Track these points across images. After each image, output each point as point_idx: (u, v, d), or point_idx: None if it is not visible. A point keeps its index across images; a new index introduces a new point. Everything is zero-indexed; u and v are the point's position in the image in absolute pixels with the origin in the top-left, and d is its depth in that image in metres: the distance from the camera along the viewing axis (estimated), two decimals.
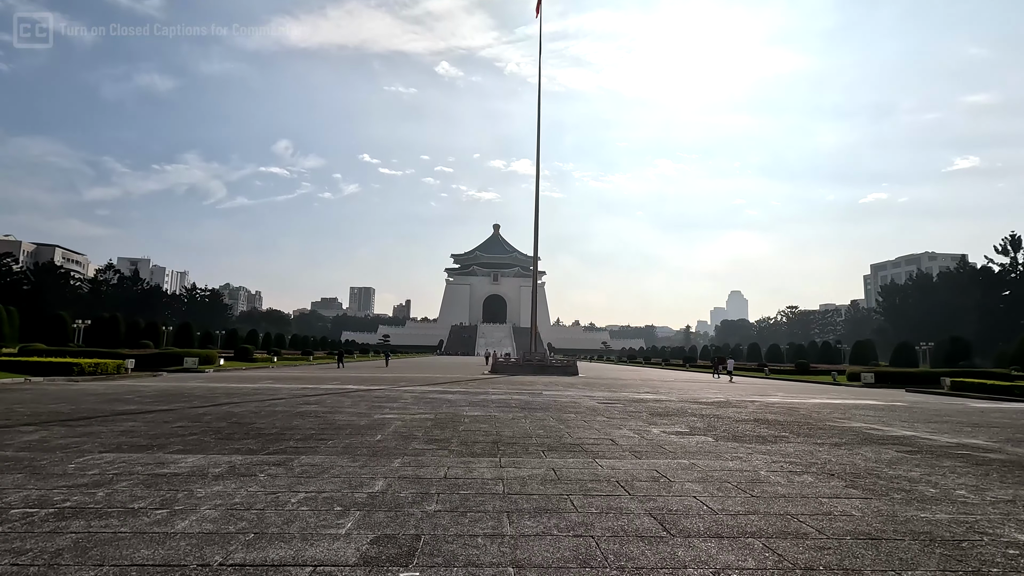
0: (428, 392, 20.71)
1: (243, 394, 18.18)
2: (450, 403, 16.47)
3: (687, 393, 24.13)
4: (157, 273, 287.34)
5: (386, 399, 17.30)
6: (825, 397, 24.31)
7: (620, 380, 35.16)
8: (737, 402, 19.74)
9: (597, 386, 27.67)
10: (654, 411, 15.60)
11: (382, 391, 20.69)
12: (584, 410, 15.32)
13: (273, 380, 26.95)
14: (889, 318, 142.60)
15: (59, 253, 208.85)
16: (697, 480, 6.83)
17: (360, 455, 7.94)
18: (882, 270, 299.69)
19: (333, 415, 12.73)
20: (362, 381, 27.18)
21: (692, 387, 29.41)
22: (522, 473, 6.99)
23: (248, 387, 21.59)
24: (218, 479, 6.31)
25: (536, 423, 12.14)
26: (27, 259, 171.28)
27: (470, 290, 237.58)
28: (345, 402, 16.01)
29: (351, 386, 23.15)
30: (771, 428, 12.30)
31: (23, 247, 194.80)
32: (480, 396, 19.39)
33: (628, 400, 19.29)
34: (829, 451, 9.32)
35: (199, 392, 18.67)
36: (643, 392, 23.98)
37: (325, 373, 35.78)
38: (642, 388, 27.04)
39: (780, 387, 32.45)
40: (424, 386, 24.30)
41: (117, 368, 29.10)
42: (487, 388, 23.90)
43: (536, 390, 23.34)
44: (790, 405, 19.08)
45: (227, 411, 13.11)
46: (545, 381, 31.26)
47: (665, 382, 34.49)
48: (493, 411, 14.45)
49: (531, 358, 41.55)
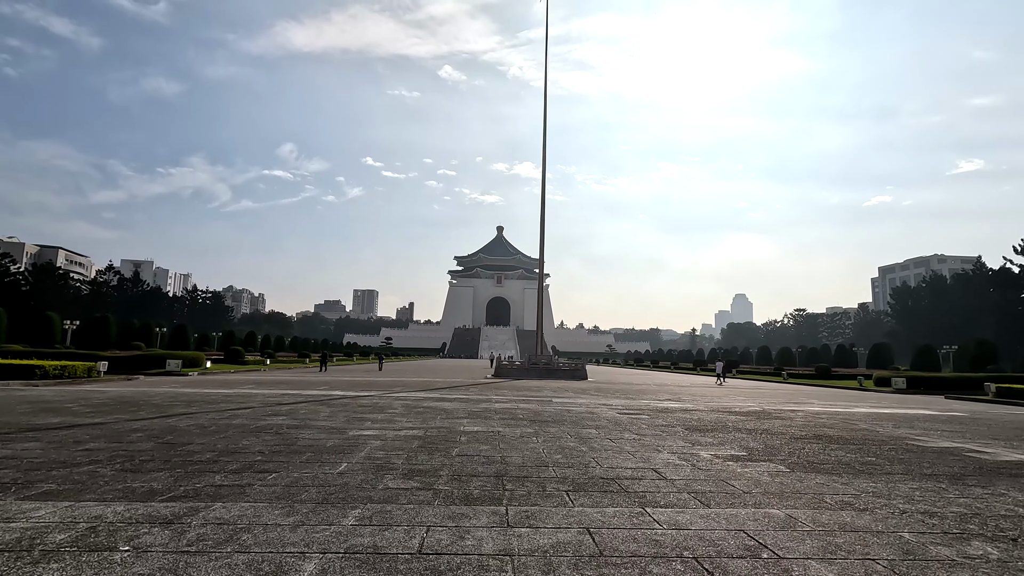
0: (423, 400, 18.23)
1: (208, 401, 15.75)
2: (446, 414, 13.99)
3: (713, 400, 21.58)
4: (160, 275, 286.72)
5: (372, 409, 14.83)
6: (868, 405, 21.71)
7: (633, 385, 32.61)
8: (776, 412, 17.19)
9: (611, 392, 25.14)
10: (688, 424, 13.07)
11: (370, 399, 18.23)
12: (605, 423, 12.81)
13: (255, 385, 24.53)
14: (901, 321, 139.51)
15: (62, 255, 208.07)
16: (822, 557, 4.33)
17: (304, 501, 5.47)
18: (890, 272, 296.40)
19: (298, 432, 10.27)
20: (353, 386, 24.74)
21: (713, 393, 26.85)
22: (542, 541, 4.50)
23: (221, 392, 19.17)
24: (37, 562, 3.85)
25: (551, 443, 9.65)
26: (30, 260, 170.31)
27: (473, 292, 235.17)
28: (321, 413, 13.55)
29: (338, 392, 20.70)
30: (845, 449, 9.77)
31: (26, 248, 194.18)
32: (482, 405, 16.90)
33: (652, 410, 16.78)
34: (963, 490, 6.80)
35: (158, 400, 16.25)
36: (664, 399, 21.44)
37: (316, 377, 33.35)
38: (661, 394, 24.50)
39: (809, 393, 29.83)
40: (420, 392, 21.83)
41: (88, 371, 26.75)
42: (490, 395, 21.42)
43: (545, 397, 20.85)
44: (840, 416, 16.52)
45: (169, 426, 10.66)
46: (553, 386, 28.74)
47: (682, 387, 31.91)
48: (497, 425, 11.96)
49: (537, 361, 39.06)
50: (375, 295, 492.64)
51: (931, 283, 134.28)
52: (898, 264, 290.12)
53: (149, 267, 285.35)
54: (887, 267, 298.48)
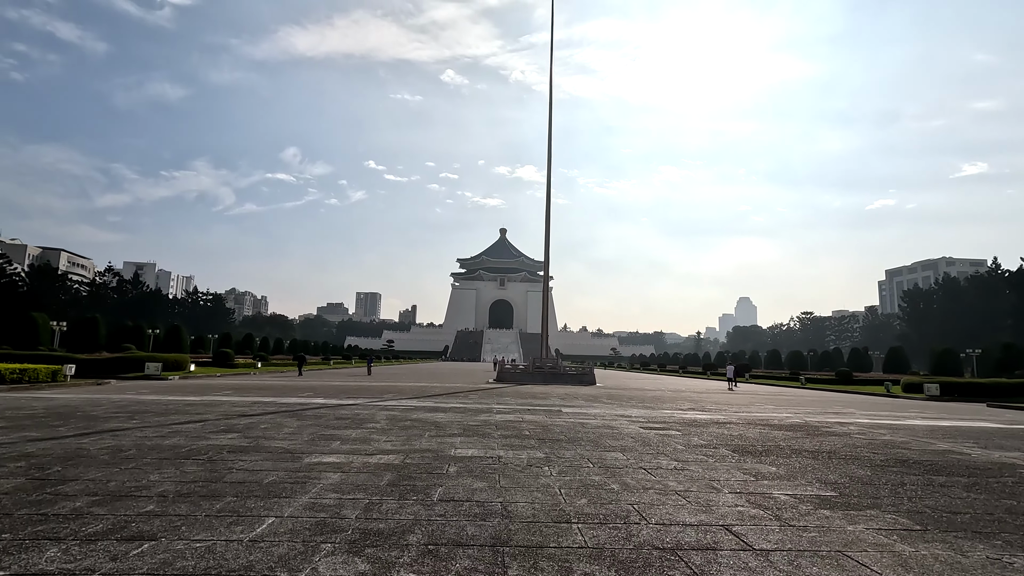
0: (412, 411, 15.86)
1: (160, 412, 13.42)
2: (437, 430, 11.61)
3: (741, 410, 19.13)
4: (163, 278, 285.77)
5: (348, 423, 12.47)
6: (918, 416, 19.21)
7: (647, 391, 30.16)
8: (824, 426, 14.74)
9: (626, 400, 22.72)
10: (732, 444, 10.67)
11: (353, 408, 15.88)
12: (632, 443, 10.43)
13: (233, 391, 22.22)
14: (913, 324, 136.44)
15: (64, 257, 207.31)
16: None
17: None
18: (897, 276, 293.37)
19: (238, 458, 7.91)
20: (341, 393, 22.40)
21: (736, 400, 24.40)
22: None
23: (186, 400, 16.85)
24: None
25: (570, 476, 7.27)
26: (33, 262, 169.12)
27: (476, 295, 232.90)
28: (284, 428, 11.19)
29: (318, 400, 18.35)
30: (958, 485, 7.34)
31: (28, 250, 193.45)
32: (480, 417, 14.52)
33: (679, 423, 14.36)
34: None
35: (100, 411, 13.92)
36: (686, 408, 19.01)
37: (303, 382, 31.03)
38: (680, 402, 22.07)
39: (839, 401, 27.32)
40: (412, 400, 19.46)
41: (52, 375, 24.52)
42: (491, 403, 19.03)
43: (553, 406, 18.45)
44: (900, 431, 14.06)
45: (75, 449, 8.30)
46: (560, 392, 26.33)
47: (698, 393, 29.44)
48: (497, 447, 9.58)
49: (542, 365, 36.64)
50: (378, 298, 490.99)
51: (944, 285, 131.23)
52: (905, 267, 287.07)
53: (151, 269, 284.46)
54: (894, 270, 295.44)
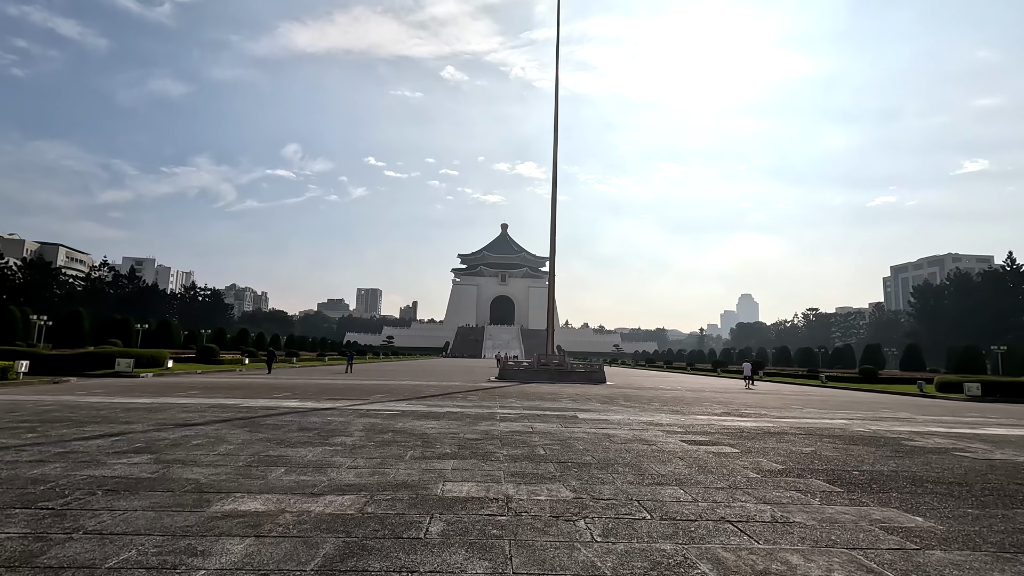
0: (399, 416, 13.16)
1: (85, 419, 10.73)
2: (423, 447, 8.91)
3: (784, 415, 16.41)
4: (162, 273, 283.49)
5: (313, 436, 9.77)
6: (993, 424, 16.46)
7: (664, 391, 27.44)
8: (901, 437, 12.01)
9: (646, 402, 19.99)
10: (815, 468, 7.96)
11: (327, 414, 13.18)
12: (684, 468, 7.71)
13: (201, 390, 19.56)
14: (923, 321, 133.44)
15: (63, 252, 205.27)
16: None
17: None
18: (903, 272, 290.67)
19: (114, 503, 5.22)
20: (322, 393, 19.72)
21: (769, 403, 21.68)
22: None
23: (133, 403, 14.18)
24: None
25: (623, 543, 4.54)
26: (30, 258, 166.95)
27: (477, 291, 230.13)
28: (225, 444, 8.47)
29: (292, 402, 15.67)
30: None
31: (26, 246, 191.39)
32: (481, 426, 11.82)
33: (725, 433, 11.65)
34: None
35: (11, 418, 11.24)
36: (721, 413, 16.29)
37: (287, 380, 28.39)
38: (709, 405, 19.34)
39: (881, 403, 24.61)
40: (402, 403, 16.77)
41: (3, 372, 21.89)
42: (493, 406, 16.33)
43: (565, 410, 15.75)
44: (1006, 444, 11.33)
45: None
46: (570, 393, 23.63)
47: (722, 394, 26.73)
48: (503, 477, 6.86)
49: (548, 362, 33.95)
50: (379, 294, 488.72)
51: (956, 281, 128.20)
52: (911, 263, 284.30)
53: (151, 264, 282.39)
54: (899, 266, 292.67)
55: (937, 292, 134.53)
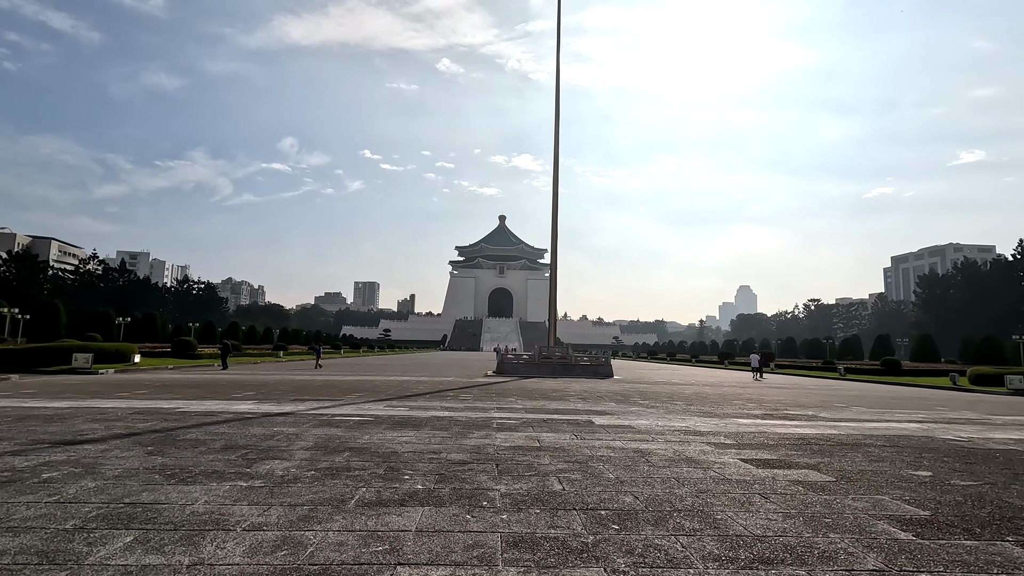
0: (368, 425, 10.43)
1: None
2: (382, 478, 6.15)
3: (841, 418, 13.71)
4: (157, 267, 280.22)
5: (239, 456, 7.01)
6: None
7: (679, 386, 24.76)
8: (1004, 447, 9.33)
9: (664, 400, 17.28)
10: (965, 508, 5.25)
11: (277, 422, 10.42)
12: (773, 510, 4.98)
13: (152, 390, 16.83)
14: (929, 310, 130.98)
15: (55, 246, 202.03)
16: None
17: None
18: (904, 262, 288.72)
19: None
20: (291, 391, 16.98)
21: (804, 400, 18.98)
22: None
23: (49, 408, 11.43)
24: None
25: None
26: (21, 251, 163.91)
27: (475, 283, 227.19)
28: (106, 472, 5.70)
29: (246, 405, 12.91)
30: None
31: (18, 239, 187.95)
32: (472, 439, 9.08)
33: (782, 443, 8.92)
34: None
35: None
36: (761, 415, 13.59)
37: (261, 377, 25.71)
38: (741, 403, 16.64)
39: (930, 399, 21.95)
40: (381, 404, 14.04)
41: None
42: (489, 407, 13.60)
43: (575, 412, 13.04)
44: None
45: None
46: (577, 389, 20.93)
47: (742, 388, 24.07)
48: (500, 552, 4.14)
49: (549, 355, 31.24)
50: (376, 287, 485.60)
51: (963, 270, 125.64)
52: (912, 253, 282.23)
53: (145, 259, 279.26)
54: (900, 257, 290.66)
55: (944, 282, 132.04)
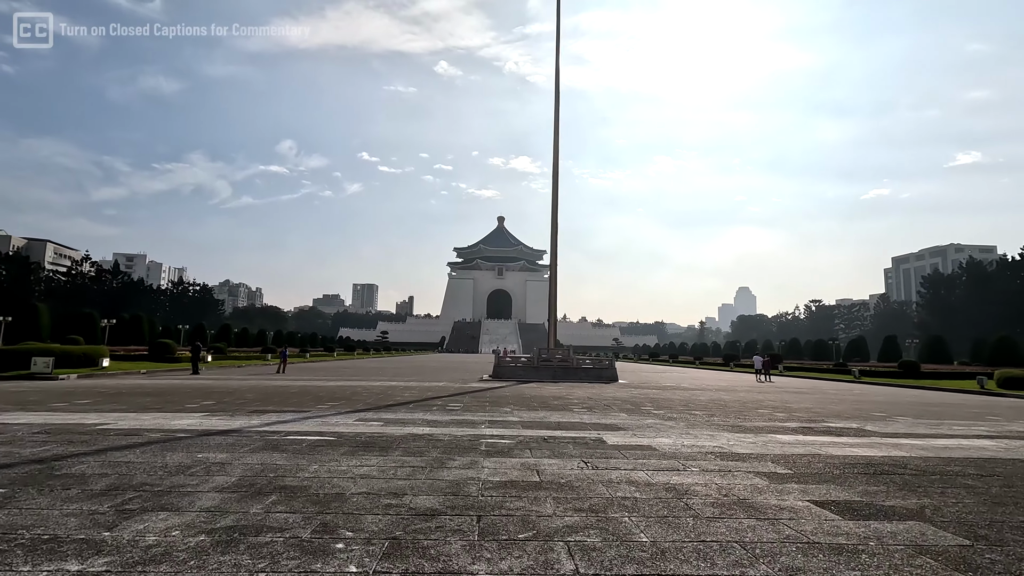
0: (323, 448, 8.34)
1: None
2: (300, 553, 4.10)
3: (884, 432, 11.66)
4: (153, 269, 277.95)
5: (117, 505, 4.93)
6: None
7: (690, 391, 22.69)
8: None
9: (680, 409, 15.20)
10: None
11: (216, 443, 8.32)
12: None
13: (101, 399, 14.73)
14: (934, 311, 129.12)
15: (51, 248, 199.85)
16: None
17: None
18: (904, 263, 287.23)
19: None
20: (261, 400, 14.89)
21: (828, 405, 16.92)
22: None
23: None
24: None
25: None
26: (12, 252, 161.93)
27: (473, 285, 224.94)
28: None
29: (189, 421, 10.83)
30: None
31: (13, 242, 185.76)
32: (451, 470, 6.99)
33: (848, 470, 6.84)
34: None
35: None
36: (796, 428, 11.53)
37: (233, 382, 23.63)
38: (768, 412, 14.57)
39: (971, 406, 19.90)
40: (351, 417, 11.94)
41: None
42: (479, 422, 11.52)
43: (581, 426, 10.98)
44: None
45: None
46: (581, 396, 18.86)
47: (763, 395, 22.03)
48: None
49: (550, 358, 29.14)
50: (375, 289, 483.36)
51: (969, 270, 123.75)
52: (913, 254, 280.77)
53: (142, 261, 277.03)
54: (901, 257, 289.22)
55: (948, 282, 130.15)
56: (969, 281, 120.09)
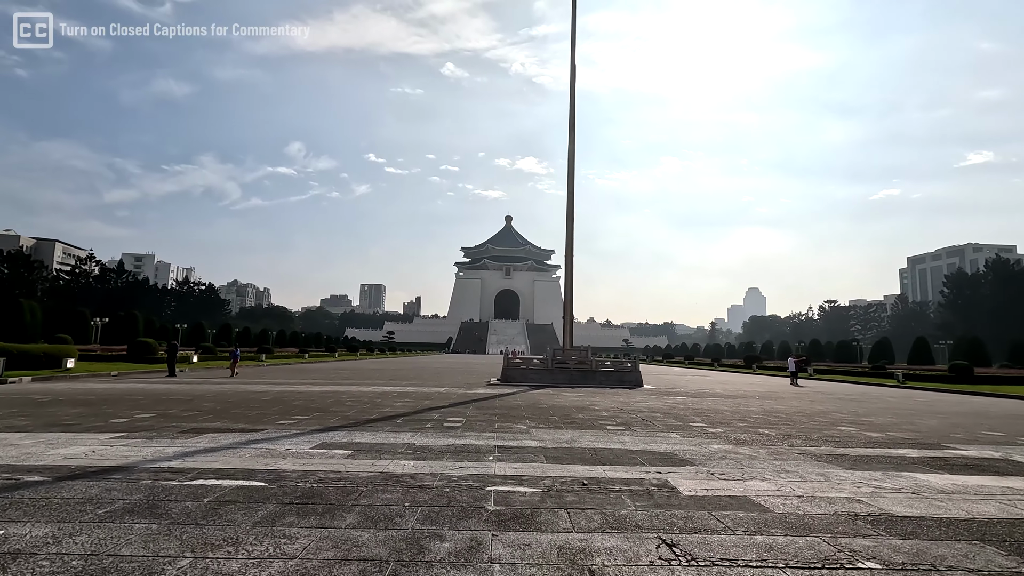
0: (232, 501, 5.22)
1: None
2: None
3: None
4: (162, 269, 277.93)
5: None
6: None
7: (731, 398, 19.41)
8: None
9: (742, 426, 11.94)
10: None
11: (68, 496, 5.29)
12: None
13: (32, 409, 11.78)
14: (957, 311, 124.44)
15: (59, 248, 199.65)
16: None
17: None
18: (920, 263, 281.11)
19: None
20: (212, 413, 11.86)
21: (918, 419, 13.64)
22: None
23: None
24: None
25: None
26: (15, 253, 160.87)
27: (481, 285, 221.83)
28: None
29: (83, 447, 7.81)
30: None
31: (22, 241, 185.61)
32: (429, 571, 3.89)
33: None
34: None
35: None
36: (922, 456, 8.33)
37: (210, 387, 20.68)
38: (857, 430, 11.30)
39: None
40: (313, 438, 8.83)
41: None
42: (485, 449, 8.37)
43: (626, 455, 7.81)
44: None
45: None
46: (609, 407, 15.67)
47: (814, 403, 18.71)
48: None
49: (565, 360, 25.93)
50: (382, 290, 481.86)
51: (995, 268, 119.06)
52: (929, 254, 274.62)
53: (150, 260, 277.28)
54: (916, 257, 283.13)
55: (972, 281, 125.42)
56: (995, 280, 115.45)
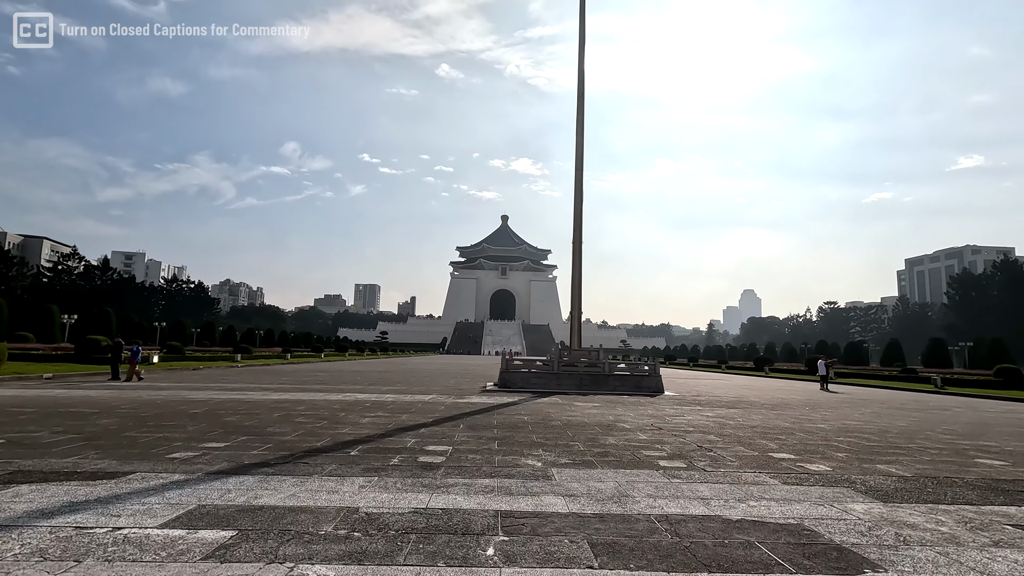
0: None
1: None
2: None
3: None
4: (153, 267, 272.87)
5: None
6: None
7: (774, 407, 15.92)
8: None
9: (844, 455, 8.46)
10: None
11: None
12: None
13: None
14: (963, 313, 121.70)
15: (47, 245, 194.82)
16: None
17: None
18: (919, 265, 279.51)
19: None
20: (93, 437, 8.27)
21: (1008, 440, 10.25)
22: None
23: None
24: None
25: None
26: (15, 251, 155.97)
27: (476, 284, 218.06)
28: None
29: None
30: None
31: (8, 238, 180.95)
32: None
33: None
34: None
35: None
36: None
37: (135, 394, 17.05)
38: (967, 457, 7.90)
39: None
40: (195, 490, 5.28)
41: None
42: (476, 527, 4.88)
43: (724, 535, 4.38)
44: None
45: None
46: (639, 423, 12.14)
47: (865, 413, 15.27)
48: None
49: (574, 362, 22.40)
50: (377, 290, 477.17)
51: (1003, 269, 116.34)
52: (927, 256, 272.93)
53: (141, 259, 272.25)
54: (915, 259, 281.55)
55: (979, 283, 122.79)
56: (1004, 281, 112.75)
